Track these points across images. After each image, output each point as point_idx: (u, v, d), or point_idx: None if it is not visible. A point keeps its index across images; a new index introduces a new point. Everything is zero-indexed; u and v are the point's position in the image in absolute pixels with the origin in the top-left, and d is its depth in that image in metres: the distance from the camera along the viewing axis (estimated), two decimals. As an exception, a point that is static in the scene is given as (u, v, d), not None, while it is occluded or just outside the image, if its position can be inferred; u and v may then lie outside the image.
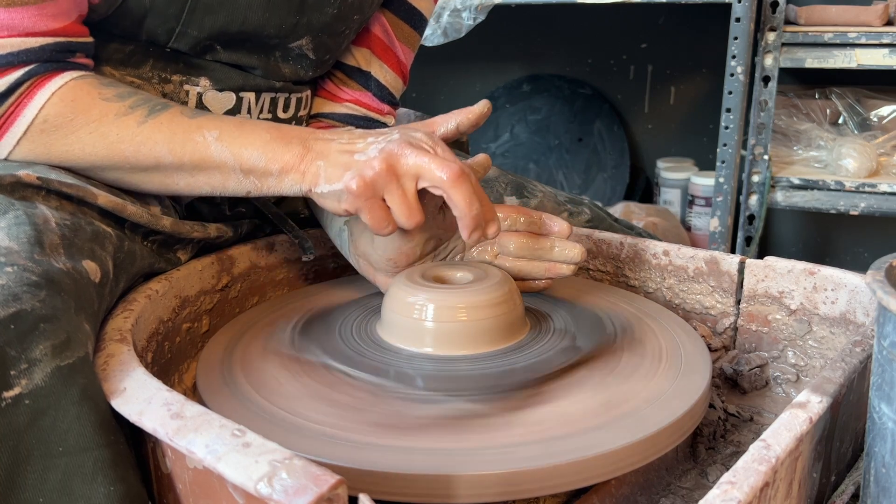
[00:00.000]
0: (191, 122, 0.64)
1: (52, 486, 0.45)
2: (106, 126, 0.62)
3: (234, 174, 0.64)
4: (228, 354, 0.64)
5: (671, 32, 2.10)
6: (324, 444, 0.51)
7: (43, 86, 0.62)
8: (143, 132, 0.63)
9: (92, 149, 0.63)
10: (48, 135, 0.62)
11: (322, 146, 0.63)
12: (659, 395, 0.57)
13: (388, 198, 0.60)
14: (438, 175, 0.58)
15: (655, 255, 0.81)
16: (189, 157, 0.63)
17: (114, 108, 0.63)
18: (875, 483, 0.49)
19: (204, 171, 0.64)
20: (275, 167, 0.63)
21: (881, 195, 1.62)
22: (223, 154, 0.63)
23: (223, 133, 0.63)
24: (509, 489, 0.48)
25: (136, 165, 0.64)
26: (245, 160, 0.63)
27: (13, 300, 0.46)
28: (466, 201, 0.58)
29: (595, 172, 2.21)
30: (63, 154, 0.63)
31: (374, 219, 0.60)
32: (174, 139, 0.63)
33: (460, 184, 0.58)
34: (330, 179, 0.61)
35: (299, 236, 0.82)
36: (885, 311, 0.47)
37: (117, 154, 0.63)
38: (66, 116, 0.62)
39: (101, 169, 0.64)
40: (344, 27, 0.81)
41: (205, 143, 0.63)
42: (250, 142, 0.63)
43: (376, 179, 0.59)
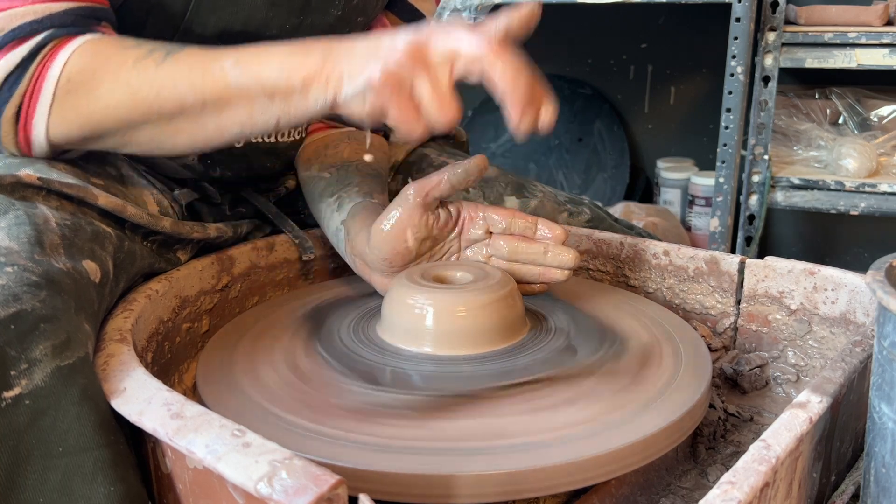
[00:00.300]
0: (208, 55, 0.59)
1: (53, 486, 0.45)
2: (125, 73, 0.59)
3: (258, 101, 0.58)
4: (228, 354, 0.64)
5: (671, 32, 2.10)
6: (324, 443, 0.51)
7: (65, 45, 0.61)
8: (162, 72, 0.59)
9: (116, 101, 0.59)
10: (74, 95, 0.60)
11: (347, 45, 0.55)
12: (659, 395, 0.57)
13: (419, 88, 0.52)
14: (476, 53, 0.50)
15: (655, 255, 0.81)
16: (210, 91, 0.58)
17: (132, 54, 0.60)
18: (875, 483, 0.49)
19: (228, 105, 0.59)
20: (297, 80, 0.56)
21: (881, 195, 1.62)
22: (242, 78, 0.57)
23: (240, 58, 0.58)
24: (509, 489, 0.48)
25: (162, 112, 0.59)
26: (266, 80, 0.57)
27: (13, 300, 0.46)
28: (512, 73, 0.50)
29: (595, 172, 2.21)
30: (92, 114, 0.60)
31: (402, 114, 0.52)
32: (192, 74, 0.58)
33: (503, 56, 0.50)
34: (352, 76, 0.53)
35: (299, 236, 0.82)
36: (885, 311, 0.47)
37: (141, 102, 0.59)
38: (87, 71, 0.60)
39: (131, 127, 0.61)
40: (347, 29, 0.81)
41: (223, 72, 0.58)
42: (268, 60, 0.57)
43: (402, 66, 0.51)
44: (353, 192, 0.77)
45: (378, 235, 0.68)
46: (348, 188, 0.78)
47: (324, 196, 0.80)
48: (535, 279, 0.70)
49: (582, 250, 0.85)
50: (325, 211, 0.79)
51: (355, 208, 0.75)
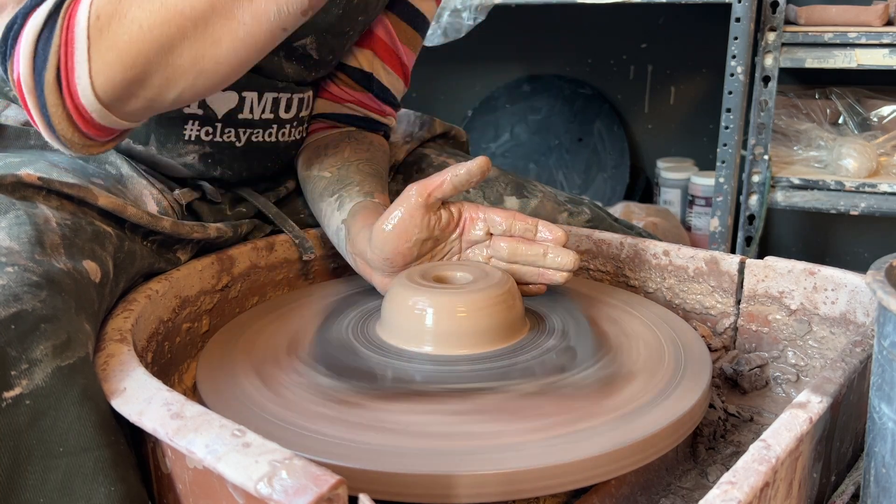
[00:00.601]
0: None
1: (53, 486, 0.45)
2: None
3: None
4: (228, 354, 0.64)
5: (671, 32, 2.10)
6: (324, 443, 0.51)
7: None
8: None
9: (148, 20, 0.55)
10: (107, 29, 0.55)
11: None
12: (659, 395, 0.57)
13: None
14: None
15: (655, 255, 0.81)
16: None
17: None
18: (875, 483, 0.49)
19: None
20: None
21: (881, 195, 1.62)
22: None
23: None
24: (509, 489, 0.48)
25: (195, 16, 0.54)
26: None
27: (14, 300, 0.46)
28: None
29: (595, 172, 2.21)
30: (129, 44, 0.55)
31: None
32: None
33: None
34: None
35: (299, 236, 0.82)
36: (885, 311, 0.47)
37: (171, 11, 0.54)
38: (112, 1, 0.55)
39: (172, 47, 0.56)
40: (348, 28, 0.81)
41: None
42: None
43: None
44: (354, 192, 0.77)
45: (380, 235, 0.68)
46: (349, 187, 0.78)
47: (324, 195, 0.80)
48: (534, 280, 0.70)
49: (582, 250, 0.85)
50: (326, 210, 0.79)
51: (356, 207, 0.75)
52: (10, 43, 0.56)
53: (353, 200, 0.76)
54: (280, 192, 0.89)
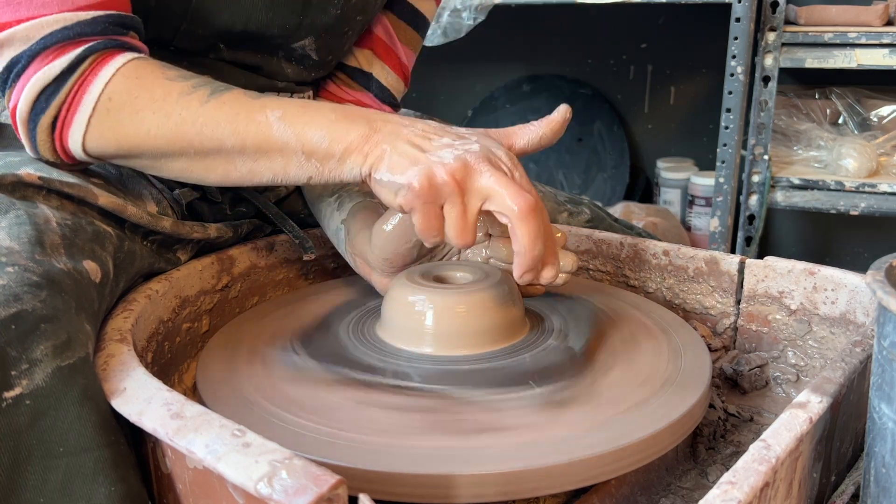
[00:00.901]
0: (254, 103, 0.60)
1: (53, 486, 0.45)
2: (170, 105, 0.60)
3: (295, 157, 0.59)
4: (228, 354, 0.64)
5: (671, 32, 2.10)
6: (324, 443, 0.51)
7: (106, 63, 0.60)
8: (207, 112, 0.59)
9: (157, 130, 0.60)
10: (114, 114, 0.60)
11: (390, 129, 0.58)
12: (659, 395, 0.57)
13: (448, 210, 0.55)
14: (509, 204, 0.53)
15: (655, 255, 0.81)
16: (252, 139, 0.59)
17: (177, 87, 0.60)
18: (875, 483, 0.49)
19: (266, 155, 0.60)
20: (338, 148, 0.58)
21: (881, 195, 1.62)
22: (286, 134, 0.58)
23: (286, 113, 0.59)
24: (509, 489, 0.48)
25: (200, 149, 0.60)
26: (308, 141, 0.58)
27: (14, 300, 0.46)
28: (531, 239, 0.54)
29: (595, 172, 2.21)
30: (131, 137, 0.61)
31: (426, 225, 0.55)
32: (237, 119, 0.59)
33: (531, 219, 0.53)
34: (393, 169, 0.56)
35: (299, 236, 0.82)
36: (885, 311, 0.47)
37: (181, 136, 0.60)
38: (130, 94, 0.60)
39: (168, 156, 0.62)
40: (347, 28, 0.81)
41: (267, 123, 0.59)
42: (314, 121, 0.58)
43: (443, 187, 0.54)
44: (354, 192, 0.77)
45: (380, 236, 0.68)
46: (349, 187, 0.78)
47: (324, 195, 0.80)
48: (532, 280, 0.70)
49: (582, 250, 0.85)
50: (326, 210, 0.79)
51: (356, 207, 0.75)
52: (13, 78, 0.61)
53: (353, 200, 0.76)
54: (280, 191, 0.89)
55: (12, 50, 0.60)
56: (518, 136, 0.61)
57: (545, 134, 0.61)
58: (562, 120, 0.62)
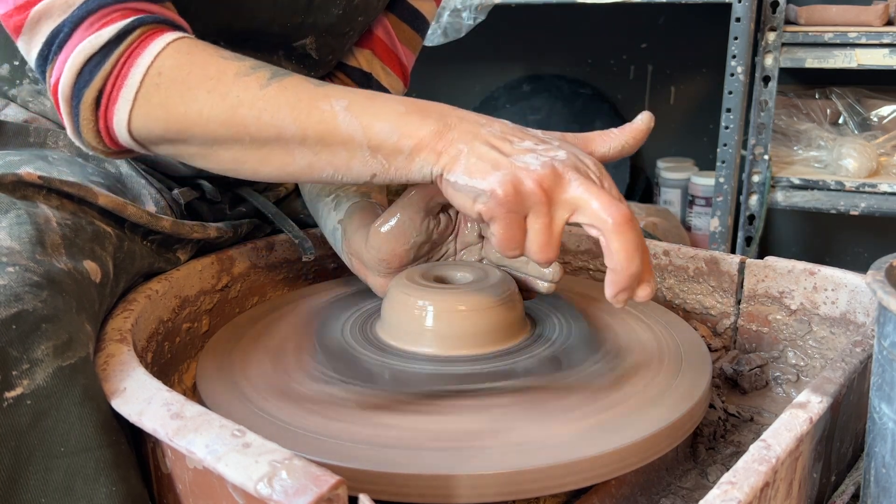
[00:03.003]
0: (317, 90, 0.56)
1: (55, 486, 0.45)
2: (225, 85, 0.55)
3: (360, 152, 0.54)
4: (228, 354, 0.64)
5: (671, 32, 2.10)
6: (324, 443, 0.51)
7: (157, 36, 0.56)
8: (266, 95, 0.55)
9: (210, 111, 0.55)
10: (163, 90, 0.56)
11: (466, 127, 0.53)
12: (659, 396, 0.57)
13: (532, 221, 0.51)
14: (603, 217, 0.49)
15: (655, 255, 0.81)
16: (314, 129, 0.54)
17: (233, 66, 0.56)
18: (875, 483, 0.49)
19: (328, 148, 0.55)
20: (407, 144, 0.53)
21: (881, 195, 1.62)
22: (351, 126, 0.54)
23: (353, 103, 0.55)
24: (509, 489, 0.48)
25: (257, 136, 0.56)
26: (375, 134, 0.53)
27: (15, 300, 0.46)
28: (628, 255, 0.49)
29: (595, 172, 2.21)
30: (181, 117, 0.56)
31: (508, 236, 0.51)
32: (299, 106, 0.55)
33: (626, 231, 0.49)
34: (471, 172, 0.51)
35: (299, 236, 0.82)
36: (886, 311, 0.47)
37: (237, 120, 0.55)
38: (182, 69, 0.56)
39: (220, 142, 0.57)
40: (348, 28, 0.81)
41: (332, 113, 0.54)
42: (383, 114, 0.54)
43: (529, 196, 0.50)
44: (351, 192, 0.77)
45: (377, 236, 0.68)
46: (346, 187, 0.78)
47: (321, 195, 0.80)
48: (521, 286, 0.69)
49: (582, 250, 0.85)
50: (323, 210, 0.79)
51: (353, 207, 0.75)
52: (55, 49, 0.56)
53: (350, 200, 0.76)
54: (280, 191, 0.89)
55: (52, 21, 0.56)
56: (599, 142, 0.57)
57: (628, 142, 0.57)
58: (645, 128, 0.58)
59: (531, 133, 0.54)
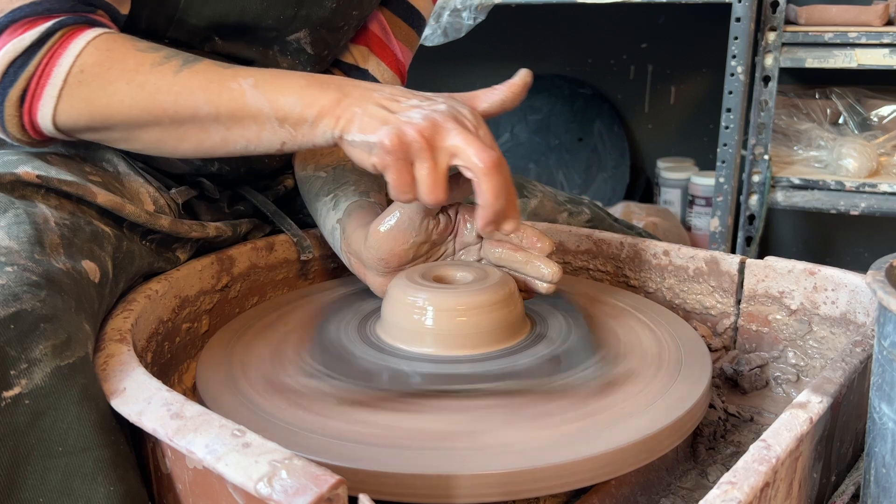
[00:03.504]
0: (226, 71, 0.61)
1: (53, 486, 0.45)
2: (143, 75, 0.61)
3: (269, 123, 0.60)
4: (228, 354, 0.64)
5: (671, 32, 2.09)
6: (324, 443, 0.51)
7: (76, 36, 0.61)
8: (181, 80, 0.61)
9: (132, 100, 0.61)
10: (86, 86, 0.61)
11: (360, 93, 0.60)
12: (659, 396, 0.57)
13: (418, 167, 0.57)
14: (475, 161, 0.55)
15: (655, 255, 0.81)
16: (226, 106, 0.60)
17: (149, 57, 0.61)
18: (875, 483, 0.49)
19: (240, 122, 0.61)
20: (311, 113, 0.59)
21: (881, 195, 1.62)
22: (259, 101, 0.60)
23: (258, 80, 0.61)
24: (509, 489, 0.48)
25: (175, 118, 0.61)
26: (281, 106, 0.60)
27: (13, 300, 0.46)
28: (494, 194, 0.56)
29: (595, 172, 2.21)
30: (104, 108, 0.61)
31: (399, 182, 0.57)
32: (210, 87, 0.60)
33: (494, 174, 0.55)
34: (364, 129, 0.58)
35: (298, 235, 0.82)
36: (886, 311, 0.47)
37: (156, 105, 0.61)
38: (102, 65, 0.61)
39: (141, 126, 0.62)
40: (342, 23, 0.81)
41: (241, 91, 0.60)
42: (286, 87, 0.60)
43: (412, 144, 0.56)
44: (350, 191, 0.77)
45: (376, 236, 0.68)
46: (344, 186, 0.78)
47: (320, 195, 0.80)
48: (521, 287, 0.69)
49: (582, 250, 0.85)
50: (322, 210, 0.79)
51: (351, 207, 0.75)
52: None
53: (349, 200, 0.76)
54: (279, 190, 0.89)
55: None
56: (481, 98, 0.63)
57: (507, 97, 0.63)
58: (522, 83, 0.63)
59: (418, 93, 0.61)
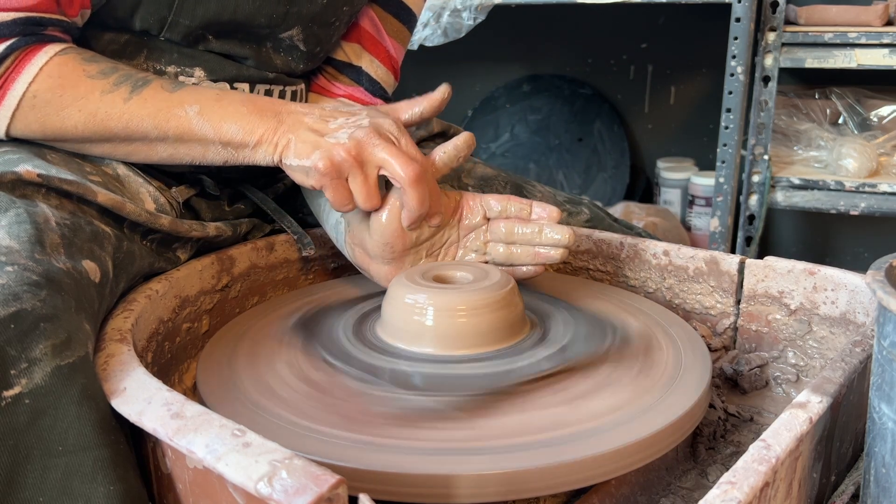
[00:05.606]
0: (172, 97, 0.67)
1: (52, 485, 0.45)
2: (93, 104, 0.66)
3: (213, 145, 0.68)
4: (228, 354, 0.64)
5: (671, 32, 2.09)
6: (324, 443, 0.51)
7: (29, 60, 0.64)
8: (130, 109, 0.66)
9: (84, 125, 0.66)
10: (39, 110, 0.65)
11: (293, 120, 0.67)
12: (659, 396, 0.57)
13: (352, 181, 0.65)
14: (399, 172, 0.64)
15: (655, 255, 0.81)
16: (173, 132, 0.67)
17: (98, 85, 0.66)
18: (875, 483, 0.49)
19: (186, 144, 0.68)
20: (251, 139, 0.67)
21: (881, 195, 1.62)
22: (204, 128, 0.67)
23: (203, 108, 0.67)
24: (509, 489, 0.48)
25: (125, 138, 0.68)
26: (224, 132, 0.67)
27: (14, 299, 0.46)
28: (419, 201, 0.65)
29: (595, 172, 2.21)
30: (57, 129, 0.67)
31: (337, 197, 0.65)
32: (158, 115, 0.66)
33: (417, 185, 0.64)
34: (299, 154, 0.66)
35: (298, 232, 0.82)
36: (885, 311, 0.47)
37: (107, 129, 0.66)
38: (54, 93, 0.65)
39: (93, 141, 0.68)
40: (334, 18, 0.82)
41: (187, 118, 0.67)
42: (229, 115, 0.67)
43: (342, 164, 0.64)
44: None
45: (378, 221, 0.68)
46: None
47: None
48: (530, 261, 0.70)
49: (582, 250, 0.85)
50: (325, 205, 0.79)
51: None
52: None
53: None
54: (278, 188, 0.89)
55: None
56: (403, 109, 0.72)
57: (426, 109, 0.72)
58: (440, 98, 0.73)
59: (346, 111, 0.69)
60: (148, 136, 0.67)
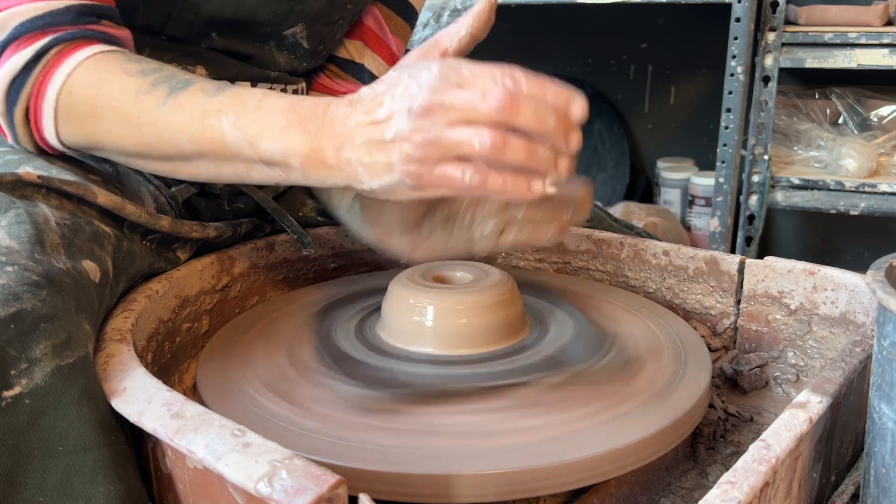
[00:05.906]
0: (210, 103, 0.57)
1: (52, 485, 0.45)
2: (127, 105, 0.58)
3: (256, 164, 0.56)
4: (229, 354, 0.64)
5: (671, 32, 2.09)
6: (324, 443, 0.51)
7: (71, 54, 0.60)
8: (162, 116, 0.57)
9: (118, 131, 0.59)
10: (75, 109, 0.60)
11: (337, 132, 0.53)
12: (659, 395, 0.57)
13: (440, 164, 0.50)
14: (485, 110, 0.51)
15: (655, 255, 0.81)
16: (208, 146, 0.57)
17: (135, 83, 0.58)
18: (875, 483, 0.49)
19: (227, 161, 0.57)
20: (294, 161, 0.54)
21: (881, 195, 1.62)
22: (240, 143, 0.55)
23: (239, 117, 0.55)
24: (509, 489, 0.48)
25: (161, 153, 0.59)
26: (263, 151, 0.55)
27: (14, 300, 0.46)
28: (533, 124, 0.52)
29: (595, 172, 2.21)
30: (93, 134, 0.60)
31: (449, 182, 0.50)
32: (191, 125, 0.57)
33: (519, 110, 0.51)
34: (375, 175, 0.51)
35: (298, 231, 0.82)
36: (885, 311, 0.47)
37: (141, 138, 0.59)
38: (90, 88, 0.59)
39: (132, 156, 0.61)
40: (338, 16, 0.82)
41: (221, 131, 0.56)
42: (266, 131, 0.55)
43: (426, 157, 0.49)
44: None
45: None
46: None
47: None
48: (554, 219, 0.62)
49: (582, 250, 0.85)
50: (336, 192, 0.77)
51: None
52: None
53: None
54: (279, 187, 0.89)
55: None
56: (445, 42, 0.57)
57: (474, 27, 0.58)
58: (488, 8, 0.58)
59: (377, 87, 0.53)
60: (182, 149, 0.57)
